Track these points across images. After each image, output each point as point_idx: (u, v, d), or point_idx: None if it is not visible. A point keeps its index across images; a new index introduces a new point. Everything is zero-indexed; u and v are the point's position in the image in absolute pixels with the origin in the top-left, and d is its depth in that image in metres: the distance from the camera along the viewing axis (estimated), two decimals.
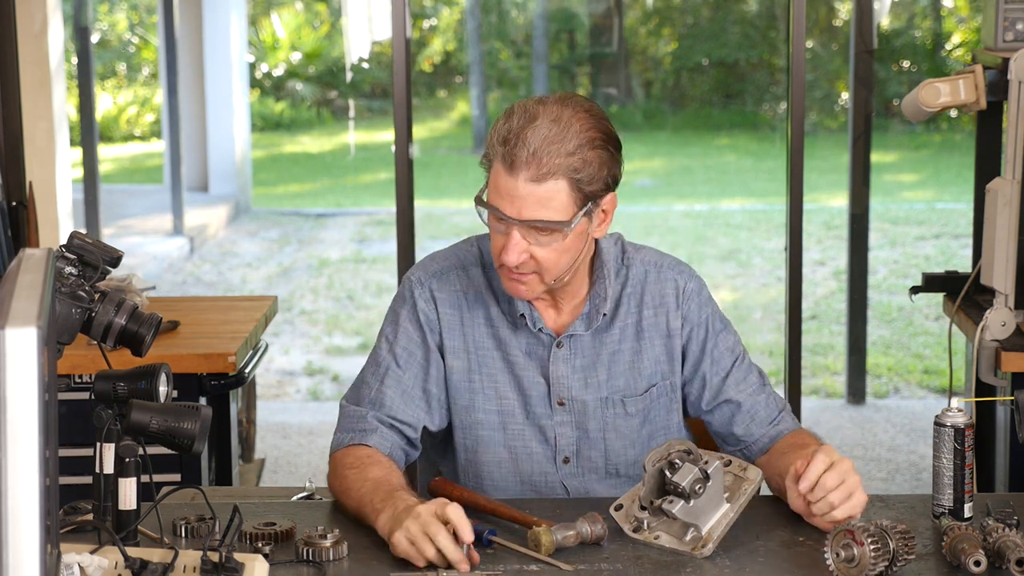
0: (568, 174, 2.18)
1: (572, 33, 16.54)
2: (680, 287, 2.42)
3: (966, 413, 2.19)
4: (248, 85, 13.05)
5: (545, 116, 2.18)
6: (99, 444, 2.06)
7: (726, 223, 11.60)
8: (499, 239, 2.24)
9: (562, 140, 2.17)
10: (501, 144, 2.19)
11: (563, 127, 2.18)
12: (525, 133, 2.17)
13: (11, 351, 1.39)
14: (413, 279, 2.41)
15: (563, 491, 2.41)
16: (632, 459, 2.42)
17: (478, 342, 2.38)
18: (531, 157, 2.16)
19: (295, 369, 7.26)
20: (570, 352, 2.38)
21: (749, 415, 2.41)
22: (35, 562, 1.40)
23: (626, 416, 2.40)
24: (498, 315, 2.38)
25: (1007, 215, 3.31)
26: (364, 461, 2.27)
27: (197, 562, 1.95)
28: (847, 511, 2.11)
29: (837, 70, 15.25)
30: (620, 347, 2.40)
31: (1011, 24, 3.64)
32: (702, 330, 2.42)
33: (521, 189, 2.17)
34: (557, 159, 2.16)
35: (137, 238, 10.61)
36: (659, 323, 2.41)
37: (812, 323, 8.13)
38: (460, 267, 2.41)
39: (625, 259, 2.42)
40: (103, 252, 2.09)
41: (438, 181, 13.68)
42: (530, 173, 2.17)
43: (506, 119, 2.21)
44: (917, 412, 6.25)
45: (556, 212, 2.19)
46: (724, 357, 2.42)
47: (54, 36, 5.95)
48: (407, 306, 2.40)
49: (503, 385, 2.38)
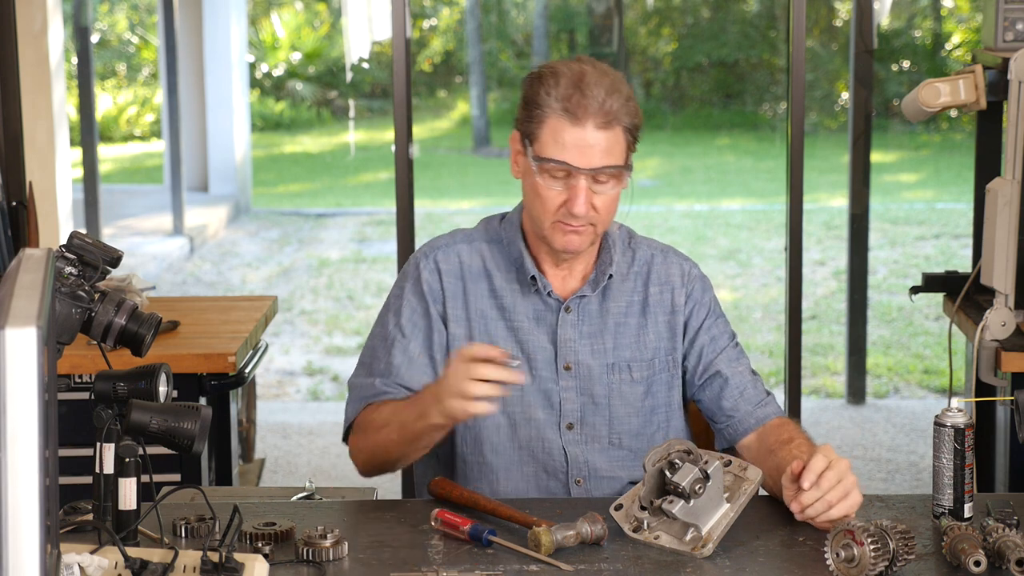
0: (625, 121, 2.31)
1: (572, 33, 16.54)
2: (686, 271, 2.52)
3: (966, 413, 2.19)
4: (248, 85, 13.05)
5: (593, 70, 2.32)
6: (99, 444, 2.06)
7: (726, 223, 11.60)
8: (557, 195, 2.33)
9: (618, 90, 2.31)
10: (562, 100, 2.29)
11: (613, 80, 2.32)
12: (588, 85, 2.29)
13: (11, 351, 1.39)
14: (419, 255, 2.50)
15: (563, 458, 2.43)
16: (635, 429, 2.45)
17: (481, 311, 2.45)
18: (599, 106, 2.28)
19: (295, 369, 7.26)
20: (578, 318, 2.45)
21: (738, 390, 2.46)
22: (35, 562, 1.40)
23: (632, 383, 2.45)
24: (503, 285, 2.45)
25: (1007, 215, 3.31)
26: (380, 409, 2.37)
27: (197, 562, 1.95)
28: (844, 510, 2.12)
29: (837, 70, 15.26)
30: (626, 320, 2.47)
31: (1011, 24, 3.64)
32: (703, 309, 2.50)
33: (590, 138, 2.28)
34: (617, 106, 2.29)
35: (137, 238, 10.61)
36: (664, 300, 2.48)
37: (812, 323, 8.13)
38: (465, 241, 2.49)
39: (632, 243, 2.52)
40: (103, 252, 2.09)
41: (438, 181, 13.68)
42: (599, 121, 2.29)
43: (553, 79, 2.31)
44: (917, 412, 6.25)
45: (617, 157, 2.32)
46: (721, 337, 2.50)
47: (54, 36, 5.95)
48: (411, 280, 2.47)
49: None
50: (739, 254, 10.31)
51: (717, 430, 2.49)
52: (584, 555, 2.08)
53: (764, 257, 10.19)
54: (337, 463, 5.56)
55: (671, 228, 11.30)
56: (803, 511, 2.14)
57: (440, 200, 12.78)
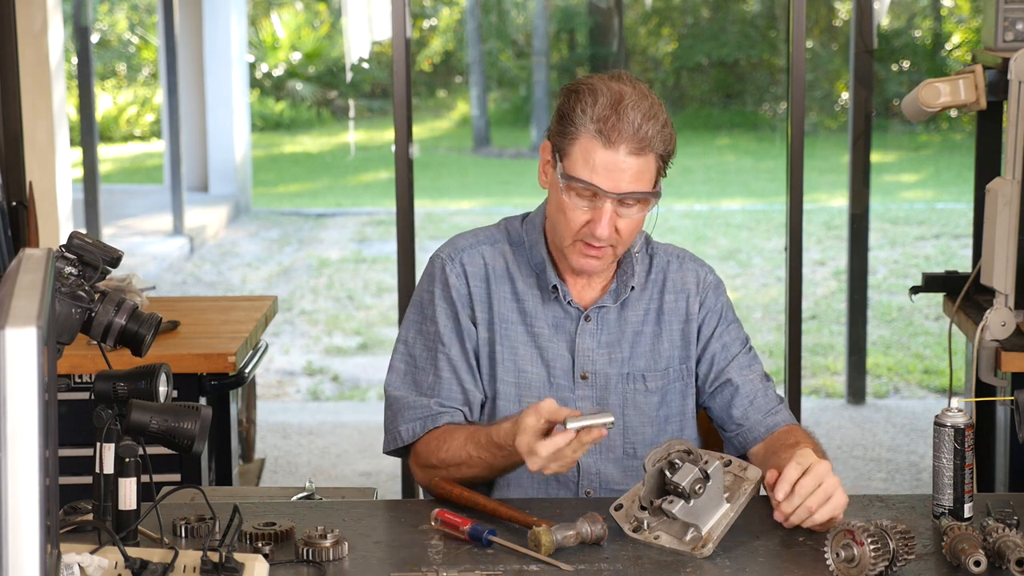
0: (659, 148, 2.30)
1: (572, 33, 16.54)
2: (701, 277, 2.52)
3: (966, 413, 2.19)
4: (248, 85, 13.04)
5: (633, 92, 2.29)
6: (99, 444, 2.06)
7: (726, 223, 11.60)
8: (581, 214, 2.31)
9: (655, 116, 2.28)
10: (598, 121, 2.26)
11: (651, 104, 2.29)
12: (625, 108, 2.26)
13: (11, 351, 1.39)
14: (444, 256, 2.47)
15: (575, 468, 2.42)
16: (649, 439, 2.45)
17: (503, 315, 2.44)
18: (635, 131, 2.26)
19: (295, 369, 7.26)
20: (596, 327, 2.44)
21: (748, 399, 2.45)
22: (35, 562, 1.40)
23: (646, 393, 2.45)
24: (524, 290, 2.44)
25: (1007, 215, 3.31)
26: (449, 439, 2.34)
27: (197, 562, 1.95)
28: (828, 514, 2.11)
29: (837, 70, 15.25)
30: (642, 328, 2.46)
31: (1011, 24, 3.64)
32: (715, 316, 2.50)
33: (622, 163, 2.27)
34: (652, 133, 2.27)
35: (137, 238, 10.61)
36: (679, 308, 2.48)
37: (812, 323, 8.12)
38: (488, 243, 2.48)
39: (649, 248, 2.52)
40: (103, 252, 2.09)
41: (438, 181, 13.68)
42: (632, 146, 2.26)
43: (591, 97, 2.28)
44: (917, 412, 6.25)
45: (647, 183, 2.30)
46: (733, 344, 2.49)
47: (54, 36, 5.95)
48: (439, 284, 2.45)
49: (523, 358, 2.43)
50: (739, 254, 10.31)
51: (727, 438, 2.48)
52: (584, 555, 2.08)
53: (764, 257, 10.19)
54: (337, 463, 5.56)
55: (671, 228, 11.30)
56: (787, 520, 2.14)
57: (440, 200, 12.78)
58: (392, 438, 2.43)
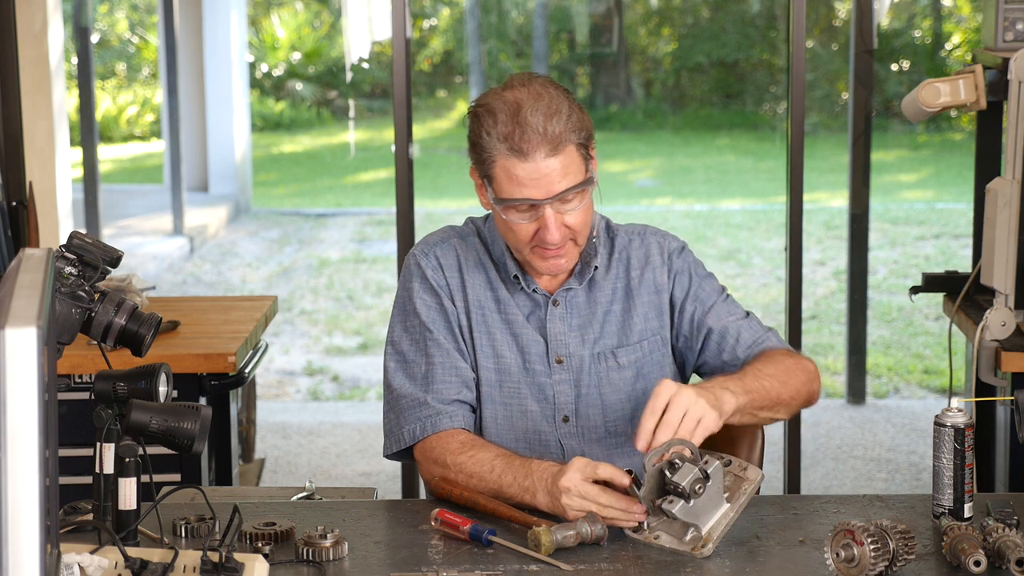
0: (573, 139, 2.30)
1: (572, 33, 16.54)
2: (663, 246, 2.54)
3: (966, 413, 2.19)
4: (248, 85, 13.05)
5: (528, 95, 2.29)
6: (99, 444, 2.06)
7: (726, 223, 11.60)
8: (527, 227, 2.34)
9: (557, 111, 2.28)
10: (504, 140, 2.27)
11: (549, 100, 2.29)
12: (525, 116, 2.27)
13: (11, 351, 1.39)
14: (417, 253, 2.52)
15: (559, 451, 2.45)
16: (629, 415, 2.47)
17: (479, 302, 2.47)
18: (543, 135, 2.26)
19: (295, 369, 7.26)
20: (566, 311, 2.47)
21: (734, 338, 2.49)
22: (35, 562, 1.40)
23: (619, 368, 2.47)
24: (496, 278, 2.49)
25: (1007, 215, 3.31)
26: (462, 450, 2.33)
27: (197, 562, 1.95)
28: (702, 434, 2.12)
29: (837, 70, 15.25)
30: (611, 308, 2.49)
31: (1011, 24, 3.64)
32: (685, 277, 2.53)
33: (543, 167, 2.28)
34: (560, 128, 2.27)
35: (137, 238, 10.61)
36: (646, 281, 2.51)
37: (812, 323, 8.12)
38: (459, 237, 2.53)
39: (610, 232, 2.54)
40: (103, 252, 2.09)
41: (438, 181, 13.68)
42: (546, 149, 2.27)
43: (491, 118, 2.29)
44: (917, 412, 6.25)
45: (576, 175, 2.31)
46: (709, 297, 2.53)
47: (54, 36, 5.95)
48: (416, 279, 2.49)
49: (500, 344, 2.46)
50: (739, 254, 10.31)
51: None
52: (584, 555, 2.08)
53: (764, 257, 10.19)
54: (337, 463, 5.56)
55: (671, 228, 11.20)
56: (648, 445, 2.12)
57: (440, 200, 12.78)
58: (395, 439, 2.43)
